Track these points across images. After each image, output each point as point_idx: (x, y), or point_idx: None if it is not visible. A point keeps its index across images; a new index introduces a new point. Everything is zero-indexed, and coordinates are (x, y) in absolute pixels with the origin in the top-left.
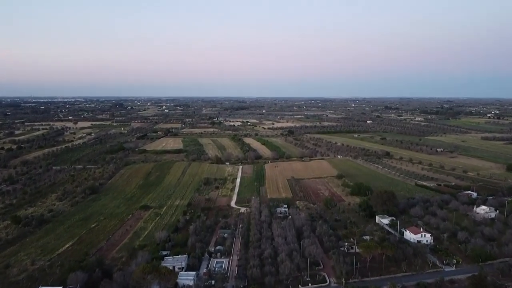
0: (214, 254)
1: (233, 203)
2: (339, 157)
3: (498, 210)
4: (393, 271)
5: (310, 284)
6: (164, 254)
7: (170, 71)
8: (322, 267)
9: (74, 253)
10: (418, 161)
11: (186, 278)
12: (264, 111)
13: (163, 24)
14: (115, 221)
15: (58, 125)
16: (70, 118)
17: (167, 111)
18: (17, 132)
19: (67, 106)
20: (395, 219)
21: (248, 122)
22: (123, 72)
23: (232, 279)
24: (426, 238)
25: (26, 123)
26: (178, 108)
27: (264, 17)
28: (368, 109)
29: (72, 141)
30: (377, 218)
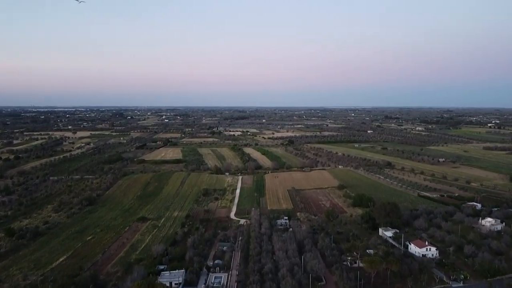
0: (212, 268)
1: (232, 215)
2: (340, 167)
3: (504, 222)
4: None
5: None
6: (161, 269)
7: (170, 81)
8: (325, 283)
9: (68, 267)
10: (420, 171)
11: None
12: (264, 121)
13: (164, 34)
14: (112, 233)
15: (57, 134)
16: (70, 127)
17: (167, 121)
18: (15, 141)
19: (67, 115)
20: (399, 232)
21: (248, 131)
22: (124, 81)
23: None
24: (432, 252)
25: (25, 133)
26: (178, 117)
27: (264, 27)
28: (368, 118)
29: (70, 151)
30: (380, 230)
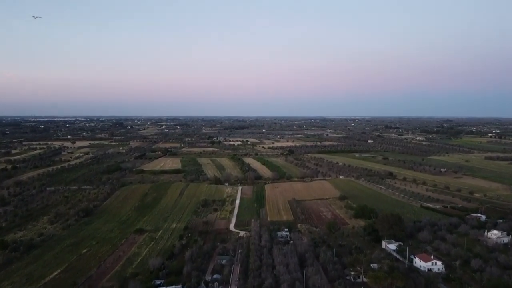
0: (211, 283)
1: (232, 226)
2: (341, 177)
3: (510, 235)
4: None
5: None
6: (157, 284)
7: (171, 91)
8: None
9: (62, 282)
10: (422, 181)
11: None
12: (264, 131)
13: (164, 44)
14: (108, 246)
15: (56, 144)
16: (69, 137)
17: (167, 130)
18: (14, 151)
19: (67, 125)
20: (403, 245)
21: (248, 141)
22: (125, 91)
23: None
24: (438, 266)
25: (23, 142)
26: (178, 127)
27: (263, 37)
28: (368, 128)
29: (68, 160)
30: (383, 243)
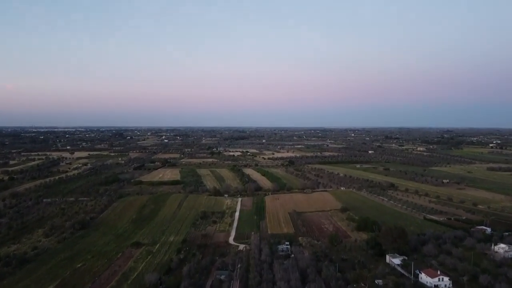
0: None
1: (231, 240)
2: (342, 188)
3: None
4: None
5: None
6: None
7: (171, 101)
8: None
9: None
10: (425, 193)
11: None
12: (264, 141)
13: (164, 55)
14: (103, 260)
15: (55, 155)
16: (68, 148)
17: (167, 141)
18: (12, 162)
19: (67, 135)
20: (407, 259)
21: (248, 152)
22: (124, 102)
23: None
24: (445, 282)
25: (22, 153)
26: (178, 137)
27: (263, 49)
28: (368, 138)
29: (66, 171)
30: (387, 257)
